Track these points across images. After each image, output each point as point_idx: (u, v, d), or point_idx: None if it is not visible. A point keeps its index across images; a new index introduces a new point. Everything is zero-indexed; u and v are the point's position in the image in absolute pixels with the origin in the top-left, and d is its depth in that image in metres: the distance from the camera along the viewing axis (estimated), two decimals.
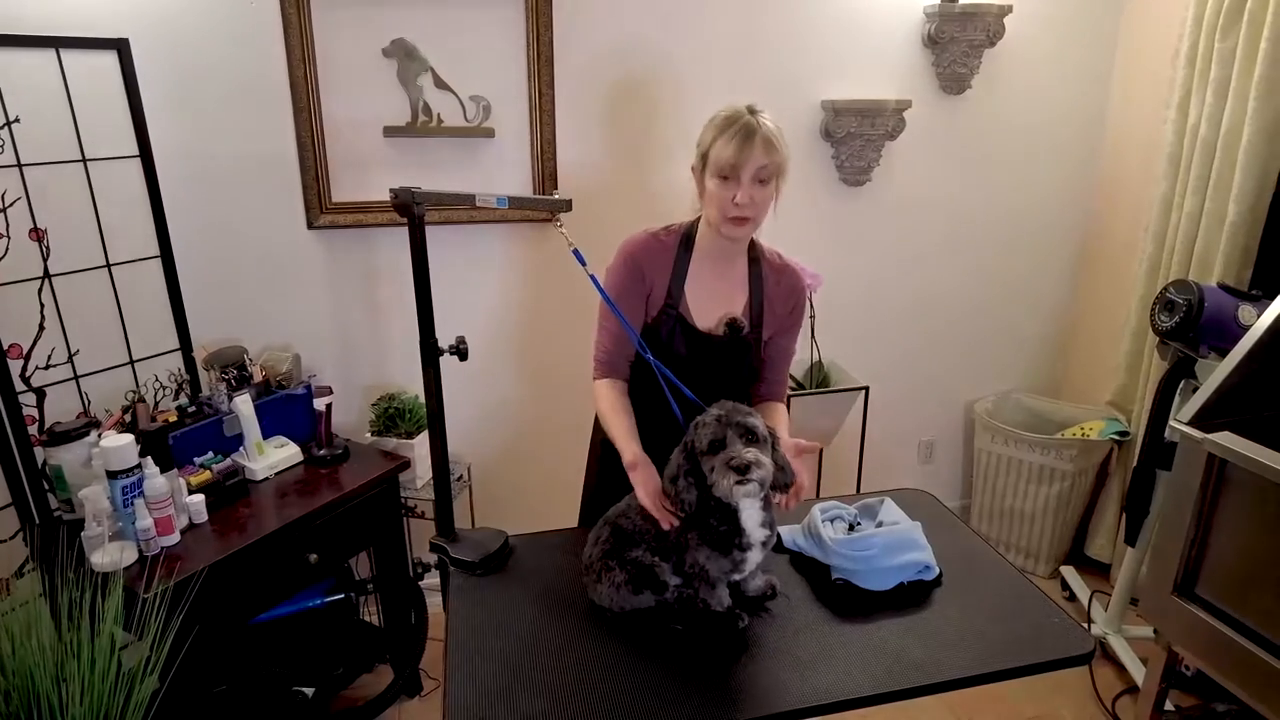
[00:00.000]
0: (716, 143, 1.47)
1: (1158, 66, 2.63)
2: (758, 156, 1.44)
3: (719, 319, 1.60)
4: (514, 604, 1.42)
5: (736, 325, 1.59)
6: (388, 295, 2.45)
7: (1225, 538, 1.61)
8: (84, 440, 1.85)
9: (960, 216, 2.88)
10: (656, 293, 1.59)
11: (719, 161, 1.46)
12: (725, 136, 1.45)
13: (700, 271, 1.60)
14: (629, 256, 1.59)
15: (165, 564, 1.69)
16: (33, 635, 1.50)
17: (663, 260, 1.59)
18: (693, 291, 1.59)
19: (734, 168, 1.45)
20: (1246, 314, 2.10)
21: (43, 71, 1.88)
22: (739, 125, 1.45)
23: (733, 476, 1.20)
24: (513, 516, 2.48)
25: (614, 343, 1.60)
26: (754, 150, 1.44)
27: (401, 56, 2.23)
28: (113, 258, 2.05)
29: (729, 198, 1.47)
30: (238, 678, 2.15)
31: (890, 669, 1.25)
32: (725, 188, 1.47)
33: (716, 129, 1.48)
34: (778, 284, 1.64)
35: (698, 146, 1.53)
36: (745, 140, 1.44)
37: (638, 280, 1.58)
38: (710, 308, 1.60)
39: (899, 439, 3.12)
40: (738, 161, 1.44)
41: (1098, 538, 2.94)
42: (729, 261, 1.61)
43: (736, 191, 1.46)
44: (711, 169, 1.48)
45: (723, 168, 1.46)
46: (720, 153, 1.46)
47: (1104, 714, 2.33)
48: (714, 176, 1.48)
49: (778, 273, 1.65)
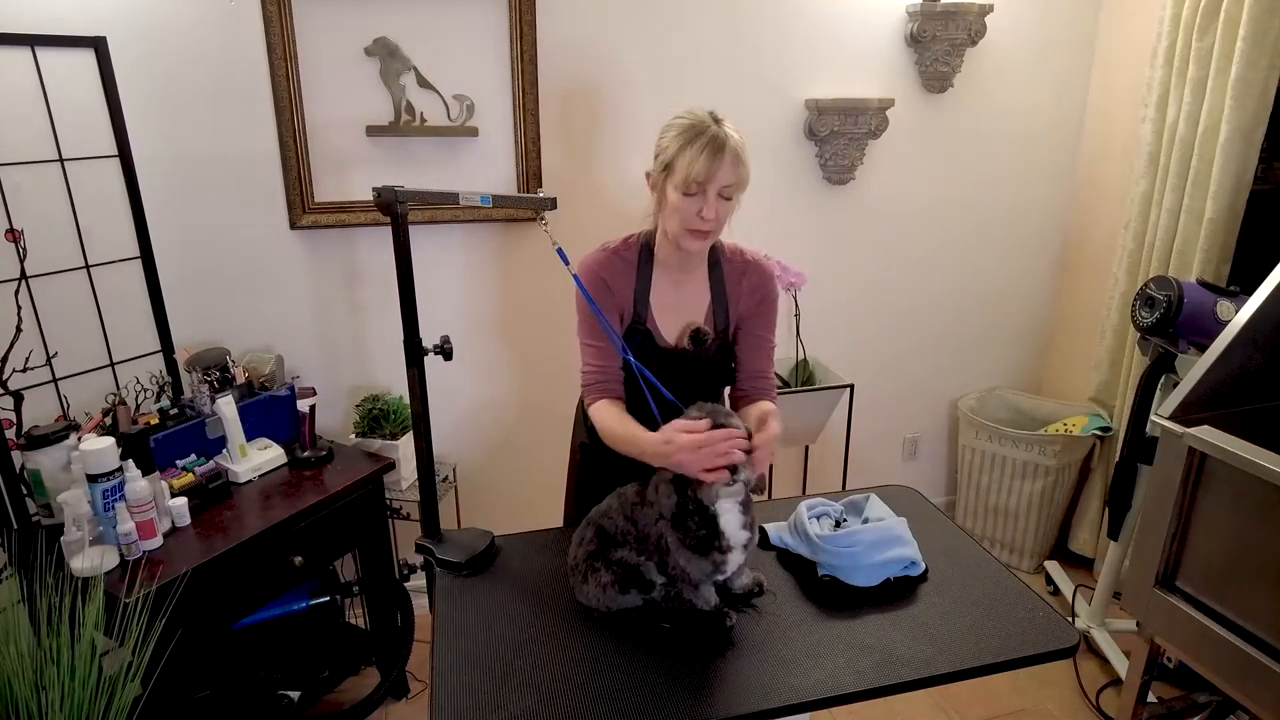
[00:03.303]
0: (684, 155, 1.40)
1: (1136, 66, 2.66)
2: (727, 173, 1.40)
3: (682, 329, 1.56)
4: (501, 604, 1.42)
5: (700, 336, 1.54)
6: (371, 296, 2.44)
7: (1205, 531, 1.63)
8: (63, 444, 1.83)
9: (943, 214, 2.90)
10: (624, 308, 1.55)
11: (686, 175, 1.40)
12: (693, 149, 1.39)
13: (662, 282, 1.56)
14: (594, 277, 1.54)
15: (147, 568, 1.67)
16: (11, 642, 1.48)
17: (625, 276, 1.55)
18: (657, 304, 1.56)
19: (701, 184, 1.40)
20: (1225, 309, 2.13)
21: (18, 70, 1.86)
22: (707, 138, 1.39)
23: None
24: (499, 517, 2.48)
25: (601, 359, 1.55)
26: (724, 166, 1.39)
27: (384, 55, 2.22)
28: (91, 259, 2.02)
29: (694, 212, 1.42)
30: (222, 682, 2.13)
31: (877, 665, 1.25)
32: (691, 202, 1.42)
33: (682, 139, 1.41)
34: (740, 282, 1.59)
35: (658, 154, 1.46)
36: (715, 155, 1.38)
37: (605, 290, 1.54)
38: (675, 319, 1.57)
39: (884, 436, 3.14)
40: (706, 177, 1.39)
41: (1081, 532, 2.97)
42: (689, 269, 1.57)
43: (703, 206, 1.41)
44: (677, 182, 1.42)
45: (688, 183, 1.40)
46: (689, 167, 1.39)
47: (1088, 707, 2.36)
48: (678, 190, 1.42)
49: (740, 271, 1.59)
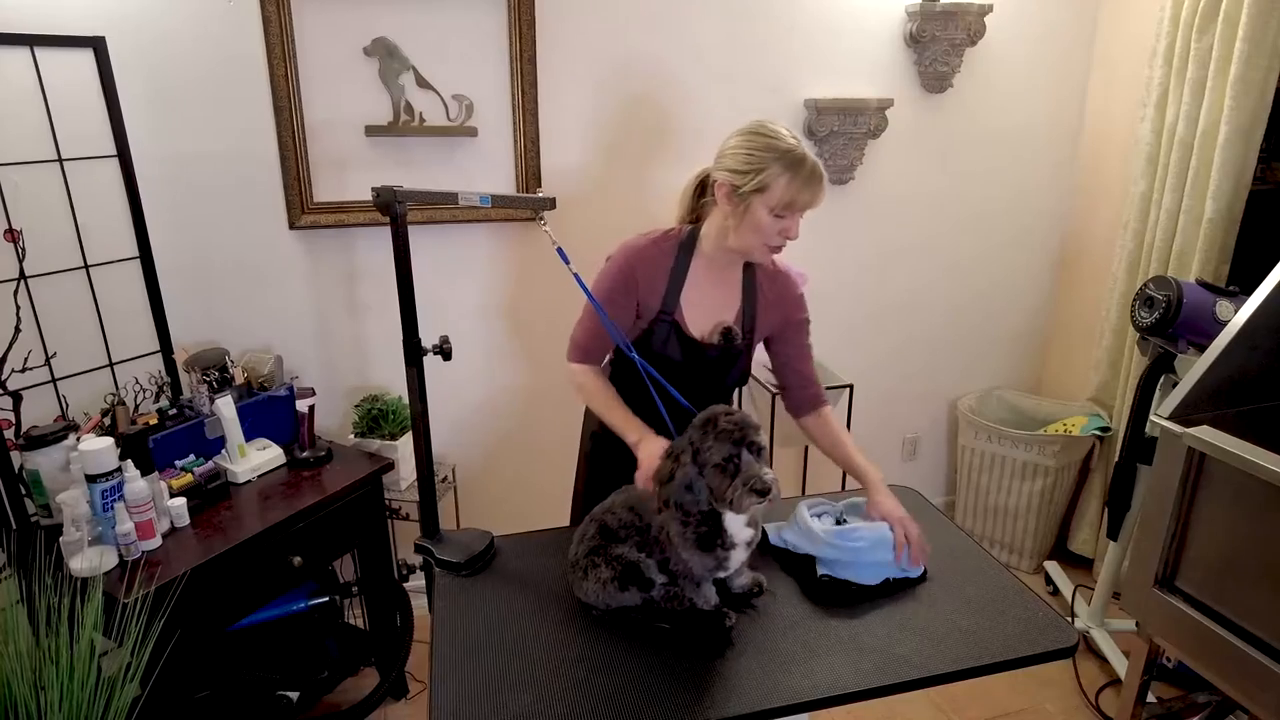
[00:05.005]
0: (785, 181, 1.44)
1: (1135, 66, 2.66)
2: (820, 200, 1.49)
3: (713, 327, 1.62)
4: (500, 605, 1.42)
5: (730, 334, 1.61)
6: (370, 296, 2.44)
7: (1205, 531, 1.62)
8: (62, 444, 1.83)
9: (942, 214, 2.90)
10: (651, 300, 1.59)
11: (785, 200, 1.45)
12: (799, 178, 1.44)
13: (697, 280, 1.61)
14: (626, 262, 1.59)
15: (146, 568, 1.67)
16: (10, 642, 1.49)
17: (660, 268, 1.59)
18: (688, 299, 1.61)
19: (799, 210, 1.48)
20: (1224, 309, 2.13)
21: (17, 70, 1.86)
22: (809, 167, 1.45)
23: (754, 498, 1.21)
24: (498, 517, 2.48)
25: (597, 334, 1.62)
26: (820, 194, 1.48)
27: (383, 55, 2.22)
28: (90, 259, 2.02)
29: (778, 230, 1.49)
30: (221, 683, 2.13)
31: (876, 664, 1.26)
32: (778, 223, 1.48)
33: (780, 164, 1.44)
34: (770, 290, 1.65)
35: (748, 171, 1.46)
36: (818, 185, 1.46)
37: (631, 284, 1.59)
38: (704, 316, 1.62)
39: (883, 436, 3.14)
40: (808, 206, 1.48)
41: (1080, 532, 2.97)
42: (725, 271, 1.63)
43: (790, 226, 1.49)
44: (773, 203, 1.46)
45: (784, 208, 1.46)
46: (795, 194, 1.45)
47: (1088, 707, 2.35)
48: (770, 210, 1.46)
49: (771, 279, 1.66)
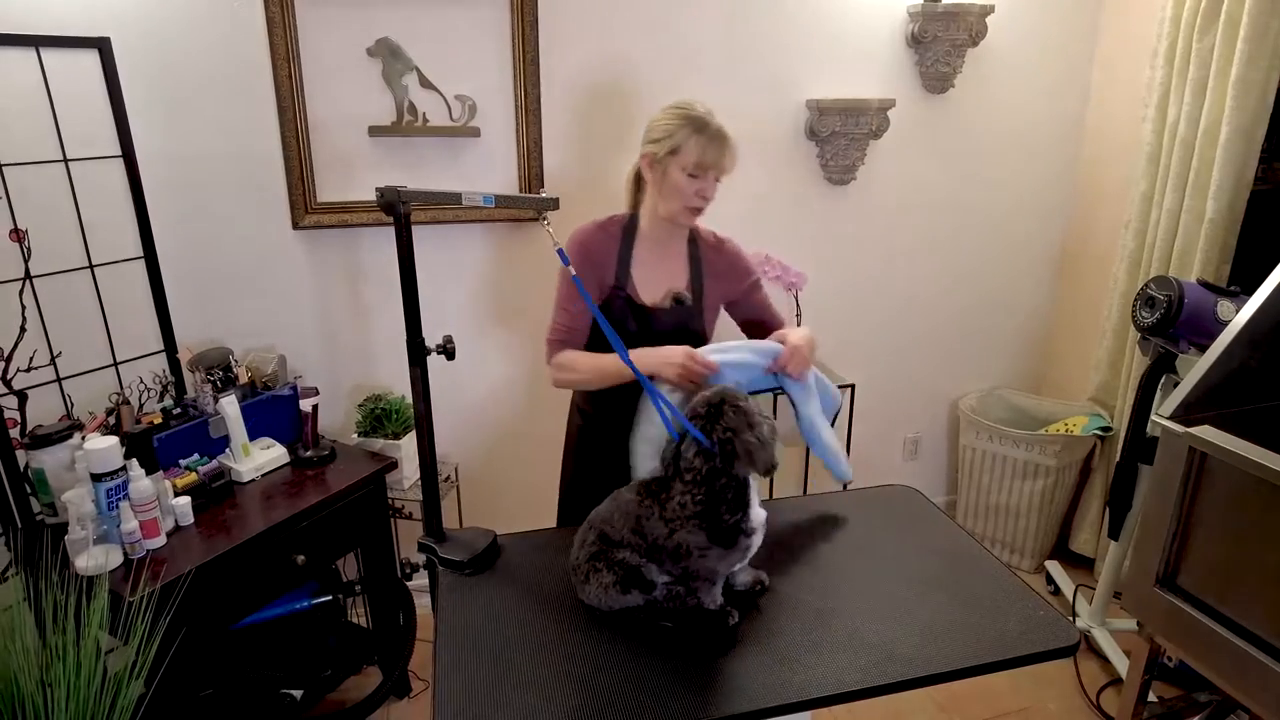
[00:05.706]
0: (693, 142, 1.62)
1: (1136, 66, 2.66)
2: (728, 161, 1.66)
3: (664, 294, 1.76)
4: (503, 603, 1.42)
5: (680, 298, 1.75)
6: (374, 295, 2.45)
7: (1206, 530, 1.63)
8: (67, 443, 1.84)
9: (944, 214, 2.91)
10: (605, 276, 1.74)
11: (693, 161, 1.63)
12: (704, 137, 1.62)
13: (643, 255, 1.76)
14: (580, 245, 1.74)
15: (151, 567, 1.68)
16: (16, 640, 1.49)
17: (609, 247, 1.75)
18: (638, 273, 1.75)
19: (707, 167, 1.64)
20: (1225, 309, 2.13)
21: (22, 70, 1.87)
22: (714, 129, 1.63)
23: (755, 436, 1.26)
24: (501, 516, 2.48)
25: (573, 322, 1.74)
26: (726, 155, 1.65)
27: (386, 56, 2.22)
28: (95, 258, 2.03)
29: (694, 191, 1.66)
30: (225, 681, 2.14)
31: (878, 663, 1.26)
32: (693, 183, 1.65)
33: (689, 128, 1.63)
34: (717, 260, 1.80)
35: (663, 138, 1.65)
36: (722, 144, 1.64)
37: (590, 262, 1.72)
38: (654, 286, 1.76)
39: (884, 436, 3.14)
40: (715, 164, 1.64)
41: (1082, 532, 2.97)
42: (669, 244, 1.78)
43: (705, 187, 1.66)
44: (685, 164, 1.63)
45: (697, 166, 1.63)
46: (700, 153, 1.62)
47: (1089, 706, 2.36)
48: (684, 171, 1.64)
49: (715, 249, 1.81)
